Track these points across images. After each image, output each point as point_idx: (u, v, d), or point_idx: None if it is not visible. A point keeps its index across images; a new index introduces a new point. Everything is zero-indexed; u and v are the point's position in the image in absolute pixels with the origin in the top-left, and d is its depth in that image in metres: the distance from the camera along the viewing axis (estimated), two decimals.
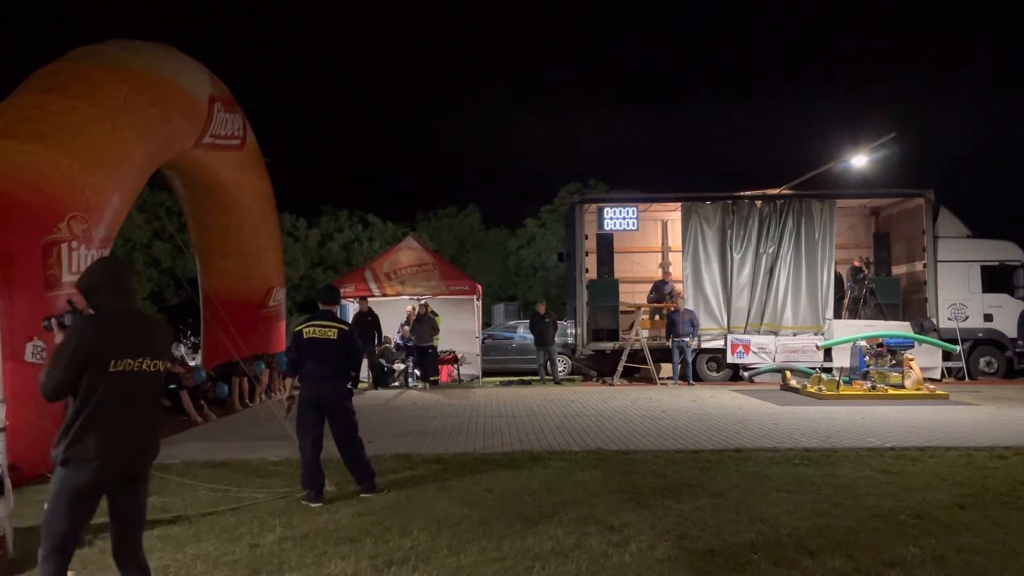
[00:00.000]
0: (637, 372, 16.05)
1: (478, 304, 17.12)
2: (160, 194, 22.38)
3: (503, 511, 5.46)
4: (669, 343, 15.43)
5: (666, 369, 15.89)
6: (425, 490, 6.17)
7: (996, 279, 16.23)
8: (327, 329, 6.14)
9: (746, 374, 15.76)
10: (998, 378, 15.91)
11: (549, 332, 16.11)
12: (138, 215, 23.96)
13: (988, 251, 16.38)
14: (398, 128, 59.00)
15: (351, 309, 15.79)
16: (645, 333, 15.89)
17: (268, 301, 14.22)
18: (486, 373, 17.25)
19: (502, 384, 16.07)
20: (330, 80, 60.87)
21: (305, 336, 6.14)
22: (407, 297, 16.09)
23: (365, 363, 14.50)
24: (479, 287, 17.11)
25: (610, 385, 15.26)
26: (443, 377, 16.26)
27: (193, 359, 17.48)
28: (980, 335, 16.13)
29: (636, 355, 15.62)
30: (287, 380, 7.41)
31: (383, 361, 15.63)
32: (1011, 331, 15.90)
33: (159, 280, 26.58)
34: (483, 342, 17.88)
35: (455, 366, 16.72)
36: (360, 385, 14.92)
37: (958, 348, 15.21)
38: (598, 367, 16.80)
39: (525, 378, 16.95)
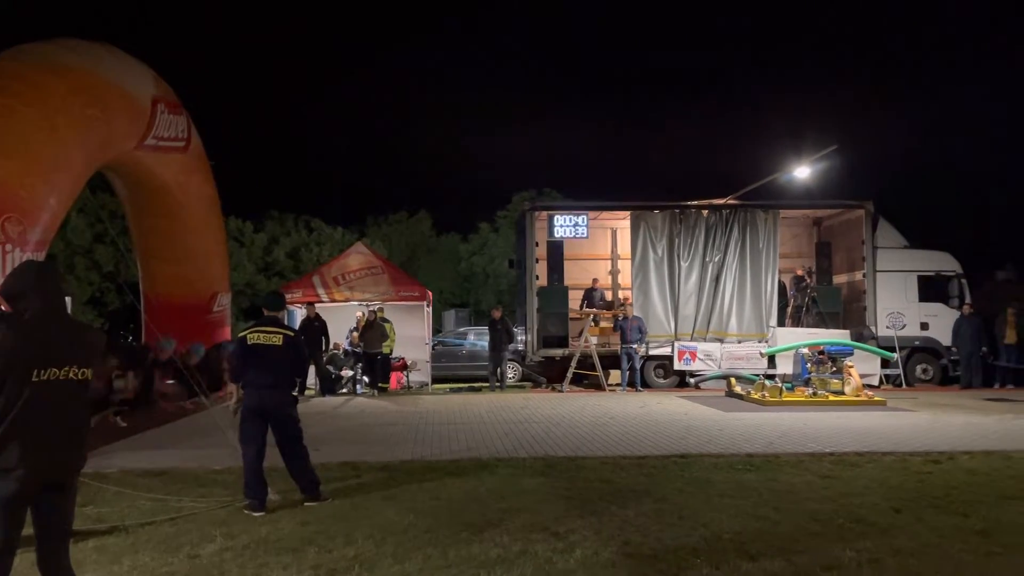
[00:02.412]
0: (586, 378, 16.16)
1: (428, 310, 17.06)
2: (102, 196, 21.83)
3: (450, 519, 5.44)
4: (619, 350, 15.61)
5: (615, 376, 16.05)
6: (371, 498, 6.11)
7: (932, 289, 16.75)
8: (272, 335, 6.03)
9: (692, 380, 15.99)
10: (934, 385, 16.42)
11: (500, 338, 16.13)
12: (79, 218, 23.31)
13: (924, 261, 16.91)
14: (349, 132, 58.61)
15: (299, 315, 15.59)
16: (594, 340, 16.02)
17: (212, 307, 13.97)
18: (436, 380, 17.19)
19: (452, 391, 16.03)
20: (280, 82, 60.14)
21: (249, 342, 6.02)
22: (356, 303, 15.95)
23: (312, 369, 14.36)
24: (429, 293, 17.05)
25: (559, 392, 15.33)
26: (392, 384, 16.14)
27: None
28: (917, 343, 16.63)
29: (585, 361, 15.73)
30: (232, 386, 7.25)
31: (331, 368, 15.45)
32: (946, 339, 16.42)
33: (101, 284, 25.86)
34: (433, 348, 17.81)
35: (404, 373, 16.62)
36: (307, 392, 14.73)
37: (896, 356, 15.66)
38: (548, 373, 16.86)
39: (475, 384, 16.93)
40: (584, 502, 5.89)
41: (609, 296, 17.65)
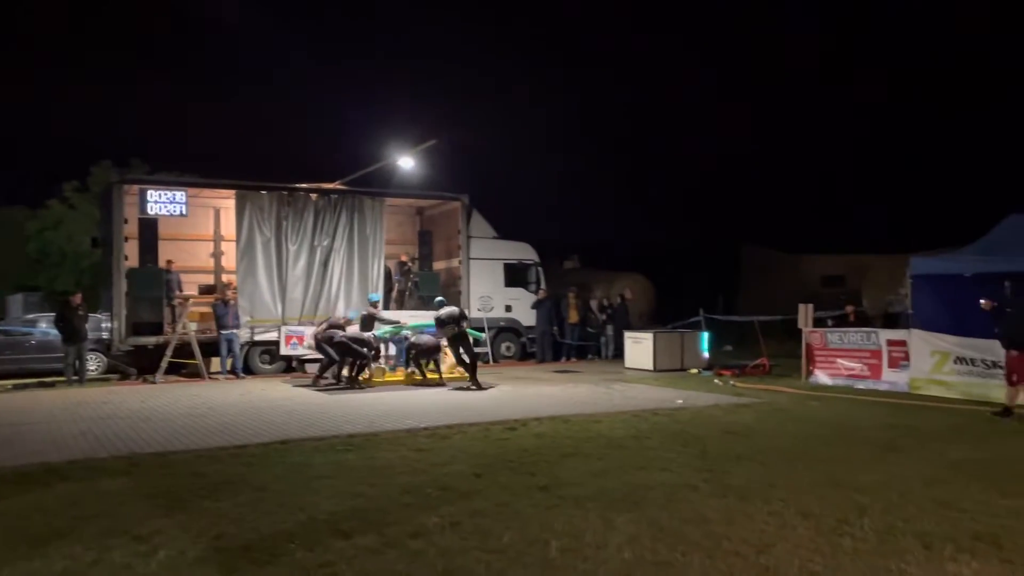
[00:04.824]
0: (184, 368, 15.10)
1: None
2: None
3: (6, 534, 4.70)
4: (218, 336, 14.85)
5: (216, 363, 15.24)
6: None
7: (515, 275, 18.86)
8: None
9: (295, 364, 15.86)
10: (515, 360, 18.49)
11: (81, 326, 14.29)
12: None
13: (510, 251, 18.95)
14: None
15: None
16: (193, 326, 15.03)
17: None
18: None
19: (16, 388, 13.80)
20: None
21: None
22: None
23: None
24: None
25: (152, 383, 14.10)
26: None
27: None
28: (502, 323, 18.58)
29: (184, 349, 14.68)
30: None
31: None
32: (525, 320, 18.65)
33: None
34: None
35: None
36: None
37: (485, 335, 17.30)
38: (139, 364, 15.38)
39: (47, 379, 14.76)
40: (172, 500, 5.51)
41: (197, 278, 16.72)
